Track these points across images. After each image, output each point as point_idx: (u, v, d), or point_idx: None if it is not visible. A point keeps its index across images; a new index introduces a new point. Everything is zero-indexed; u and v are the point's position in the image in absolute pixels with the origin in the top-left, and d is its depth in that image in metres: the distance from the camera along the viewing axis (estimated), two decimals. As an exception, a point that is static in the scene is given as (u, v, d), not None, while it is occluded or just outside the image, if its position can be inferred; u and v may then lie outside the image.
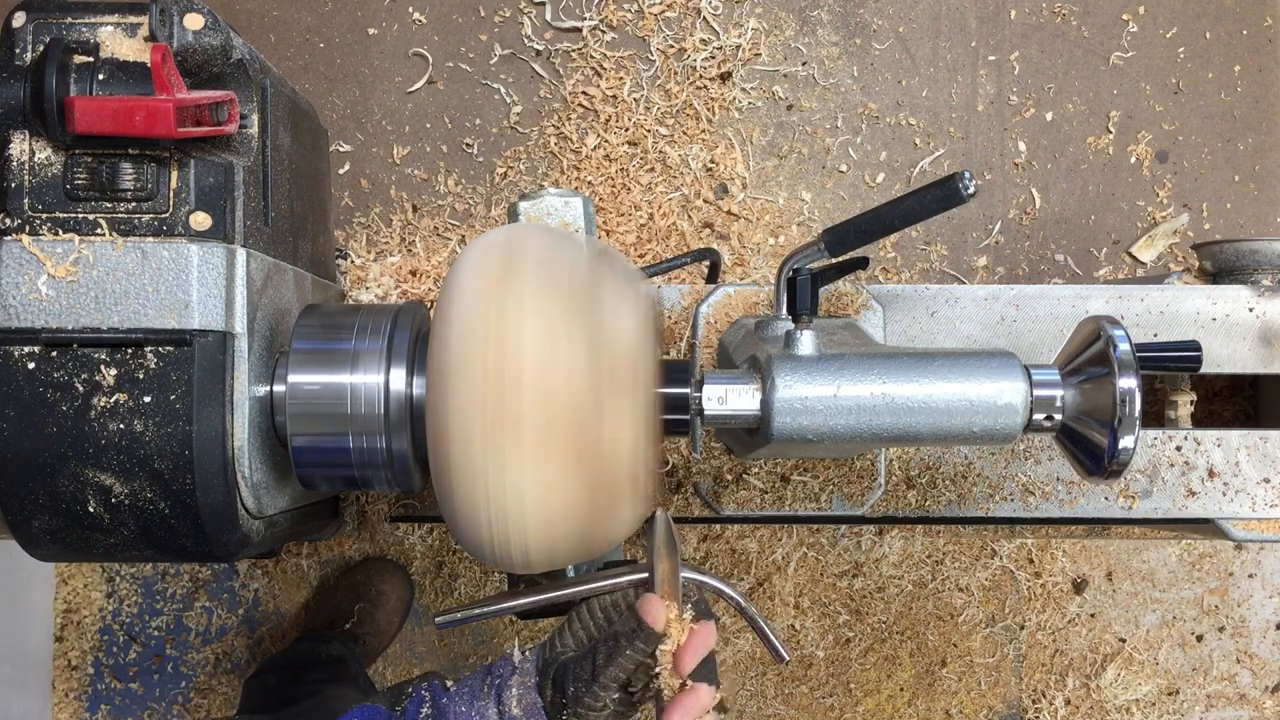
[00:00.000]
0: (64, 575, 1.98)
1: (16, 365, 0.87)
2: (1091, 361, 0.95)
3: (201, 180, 0.90)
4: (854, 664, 2.01)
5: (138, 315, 0.88)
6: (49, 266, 0.88)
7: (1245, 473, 1.25)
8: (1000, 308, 1.26)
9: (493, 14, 1.93)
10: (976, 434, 0.97)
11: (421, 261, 1.36)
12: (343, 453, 0.97)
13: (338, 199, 1.92)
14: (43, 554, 0.93)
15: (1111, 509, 1.26)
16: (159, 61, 0.84)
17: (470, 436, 0.83)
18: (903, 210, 1.06)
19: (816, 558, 2.00)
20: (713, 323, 1.24)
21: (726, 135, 1.95)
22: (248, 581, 1.99)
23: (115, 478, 0.88)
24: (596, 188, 1.92)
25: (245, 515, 0.94)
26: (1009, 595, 2.02)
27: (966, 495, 1.26)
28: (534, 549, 0.88)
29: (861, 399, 0.96)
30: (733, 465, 1.24)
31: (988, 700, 2.02)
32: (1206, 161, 1.99)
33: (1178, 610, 2.04)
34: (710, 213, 1.94)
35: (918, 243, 1.97)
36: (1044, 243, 1.98)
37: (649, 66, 1.94)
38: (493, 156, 1.94)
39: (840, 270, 1.15)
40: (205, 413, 0.89)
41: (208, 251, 0.90)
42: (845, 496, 1.24)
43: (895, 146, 1.97)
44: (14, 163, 0.87)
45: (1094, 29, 1.98)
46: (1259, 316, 1.26)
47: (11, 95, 0.86)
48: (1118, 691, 2.03)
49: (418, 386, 0.97)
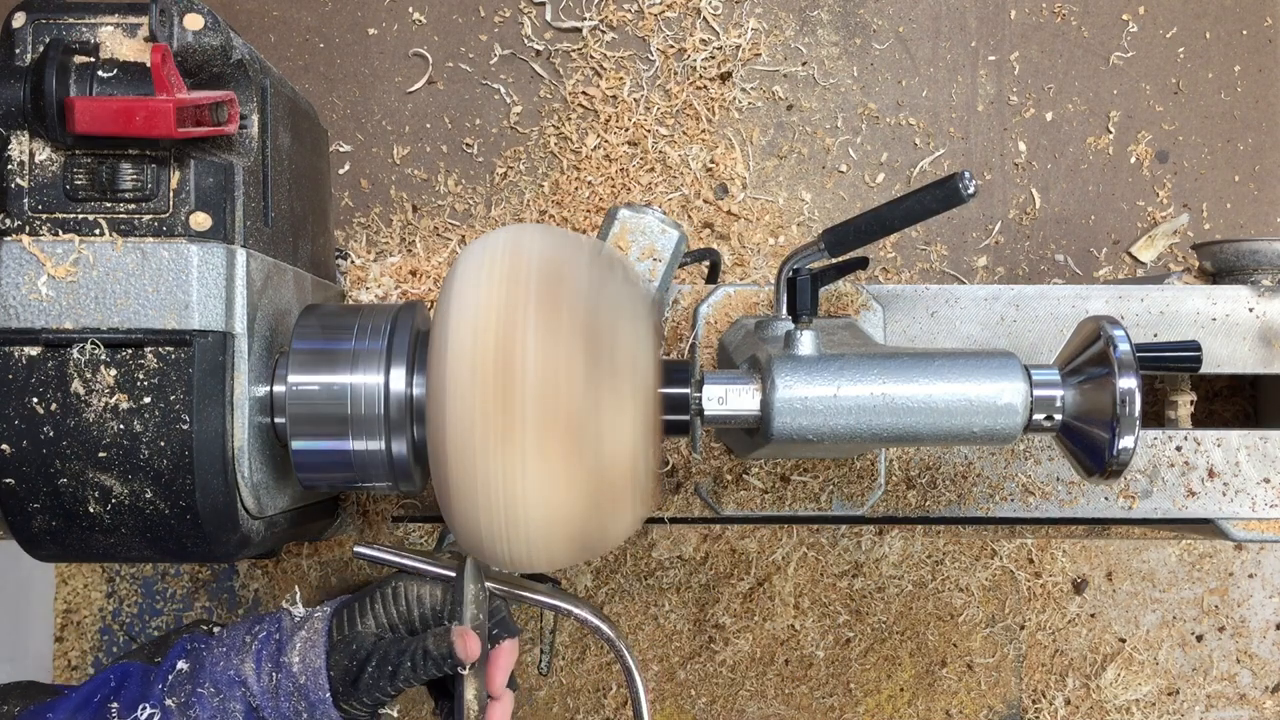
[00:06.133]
0: (64, 575, 1.98)
1: (16, 365, 0.87)
2: (1091, 361, 0.95)
3: (201, 180, 0.90)
4: (854, 664, 2.01)
5: (138, 315, 0.88)
6: (49, 267, 0.88)
7: (1245, 473, 1.25)
8: (1000, 308, 1.26)
9: (493, 14, 1.93)
10: (976, 434, 0.97)
11: (421, 261, 1.36)
12: (343, 453, 0.97)
13: (338, 199, 1.92)
14: (43, 554, 0.93)
15: (1111, 509, 1.26)
16: (159, 62, 0.84)
17: (470, 437, 0.83)
18: (903, 210, 1.06)
19: (816, 558, 2.00)
20: (713, 323, 1.24)
21: (726, 135, 1.95)
22: (248, 581, 1.99)
23: (115, 478, 0.88)
24: (596, 188, 1.92)
25: (245, 515, 0.94)
26: (1009, 595, 2.02)
27: (966, 495, 1.26)
28: (534, 549, 0.88)
29: (861, 399, 0.96)
30: (733, 465, 1.24)
31: (988, 700, 2.02)
32: (1206, 161, 1.99)
33: (1178, 610, 2.04)
34: (710, 213, 1.94)
35: (918, 243, 1.97)
36: (1044, 243, 1.98)
37: (649, 66, 1.94)
38: (493, 156, 1.94)
39: (840, 270, 1.15)
40: (205, 413, 0.89)
41: (208, 252, 0.90)
42: (845, 496, 1.24)
43: (895, 146, 1.97)
44: (14, 163, 0.87)
45: (1094, 29, 1.98)
46: (1259, 316, 1.26)
47: (11, 95, 0.86)
48: (1118, 691, 2.03)
49: (418, 386, 0.97)
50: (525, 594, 1.04)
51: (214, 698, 0.92)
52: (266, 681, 0.92)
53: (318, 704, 0.92)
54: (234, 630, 0.97)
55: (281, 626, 0.96)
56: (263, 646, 0.94)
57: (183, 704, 0.92)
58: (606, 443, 0.86)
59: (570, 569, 1.97)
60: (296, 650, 0.93)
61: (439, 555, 1.04)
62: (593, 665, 1.99)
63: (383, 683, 0.92)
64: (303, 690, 0.92)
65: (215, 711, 0.92)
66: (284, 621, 0.96)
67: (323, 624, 0.95)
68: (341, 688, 0.92)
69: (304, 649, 0.93)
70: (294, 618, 0.97)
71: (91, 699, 0.93)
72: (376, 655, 0.93)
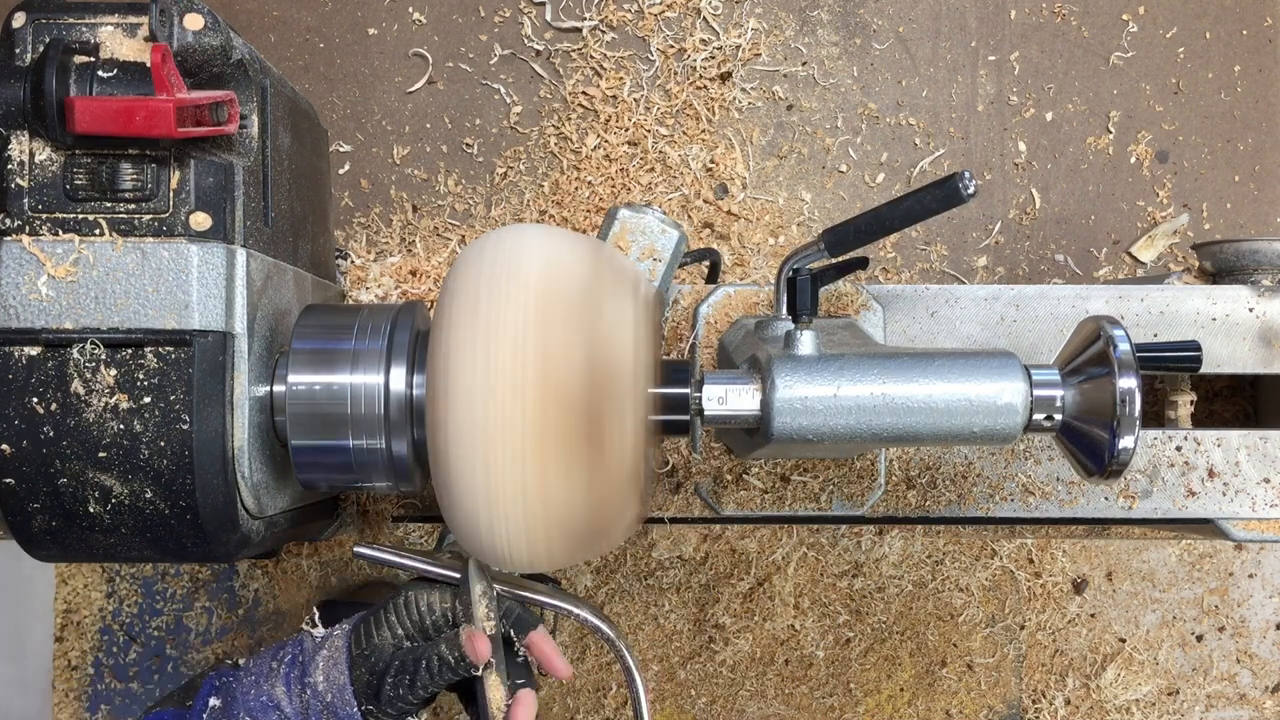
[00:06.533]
0: (64, 575, 1.98)
1: (16, 365, 0.87)
2: (1091, 361, 0.95)
3: (201, 180, 0.90)
4: (854, 664, 2.01)
5: (138, 315, 0.88)
6: (49, 267, 0.88)
7: (1245, 473, 1.25)
8: (1000, 308, 1.26)
9: (493, 14, 1.93)
10: (976, 434, 0.97)
11: (421, 261, 1.36)
12: (343, 453, 0.97)
13: (338, 199, 1.92)
14: (43, 554, 0.93)
15: (1111, 509, 1.26)
16: (159, 61, 0.84)
17: (471, 440, 0.83)
18: (903, 210, 1.06)
19: (816, 558, 2.00)
20: (713, 323, 1.24)
21: (726, 135, 1.95)
22: (248, 581, 1.99)
23: (115, 478, 0.88)
24: (596, 188, 1.92)
25: (245, 515, 0.94)
26: (1009, 595, 2.02)
27: (966, 495, 1.26)
28: (535, 549, 0.88)
29: (861, 399, 0.96)
30: (733, 465, 1.24)
31: (988, 700, 2.02)
32: (1206, 161, 1.99)
33: (1178, 610, 2.04)
34: (710, 213, 1.94)
35: (918, 243, 1.97)
36: (1044, 243, 1.98)
37: (649, 66, 1.94)
38: (493, 156, 1.94)
39: (840, 270, 1.15)
40: (205, 413, 0.89)
41: (208, 252, 0.90)
42: (845, 496, 1.24)
43: (895, 146, 1.97)
44: (14, 163, 0.87)
45: (1094, 29, 1.98)
46: (1259, 316, 1.26)
47: (11, 95, 0.86)
48: (1118, 691, 2.03)
49: (418, 386, 0.97)
50: (525, 594, 1.04)
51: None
52: (297, 704, 0.93)
53: (347, 719, 0.92)
54: (259, 659, 0.98)
55: (304, 649, 0.96)
56: (290, 670, 0.95)
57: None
58: (607, 444, 0.86)
59: (570, 569, 1.97)
60: (320, 669, 0.94)
61: (439, 555, 1.05)
62: (593, 665, 1.99)
63: (403, 691, 0.93)
64: (331, 708, 0.92)
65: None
66: (305, 644, 0.97)
67: (343, 641, 0.96)
68: (366, 701, 0.93)
69: (327, 667, 0.94)
70: (315, 639, 0.98)
71: None
72: (394, 666, 0.93)
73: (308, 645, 0.97)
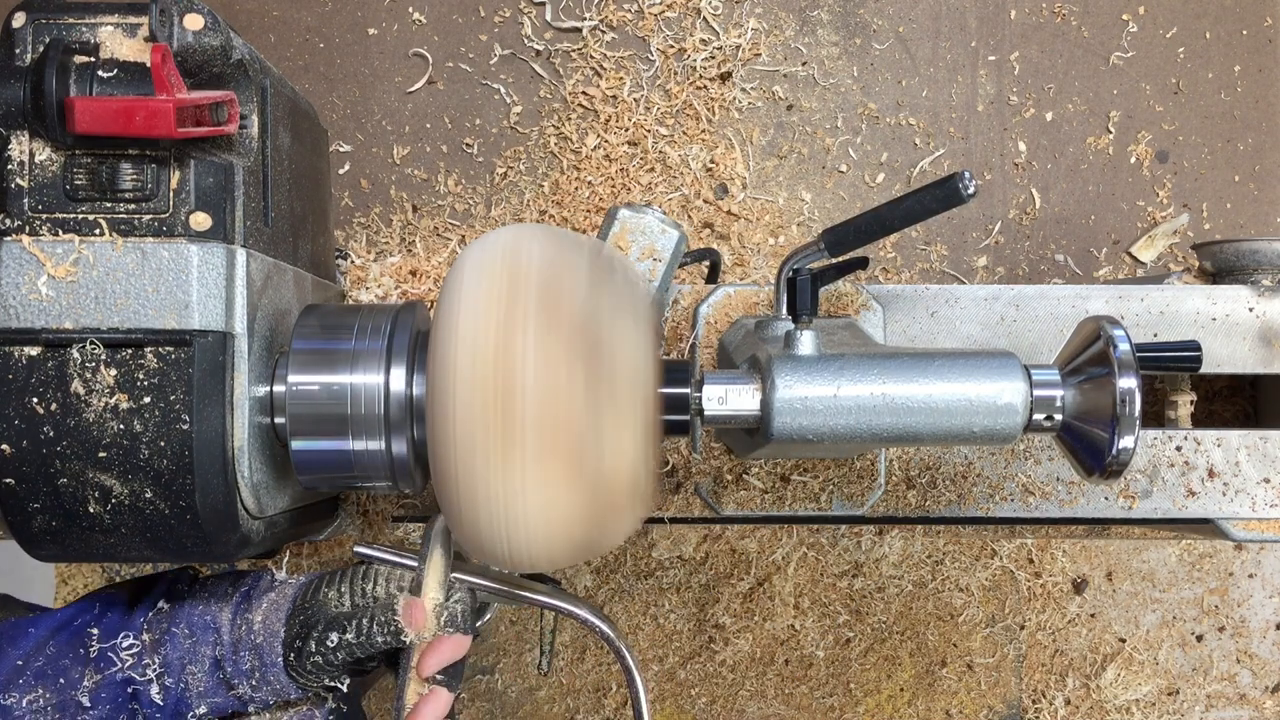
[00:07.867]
0: (64, 575, 1.98)
1: (16, 365, 0.87)
2: (1091, 361, 0.95)
3: (201, 180, 0.90)
4: (854, 664, 2.01)
5: (138, 315, 0.88)
6: (49, 267, 0.88)
7: (1245, 473, 1.25)
8: (1000, 308, 1.26)
9: (493, 14, 1.93)
10: (976, 434, 0.97)
11: (421, 261, 1.36)
12: (343, 453, 0.97)
13: (338, 199, 1.92)
14: (43, 554, 0.93)
15: (1111, 509, 1.26)
16: (159, 62, 0.84)
17: (471, 444, 0.83)
18: (903, 210, 1.06)
19: (816, 558, 2.00)
20: (713, 323, 1.24)
21: (726, 135, 1.95)
22: (248, 581, 1.99)
23: (115, 478, 0.88)
24: (596, 188, 1.92)
25: (245, 515, 0.94)
26: (1009, 595, 2.02)
27: (966, 495, 1.26)
28: (535, 550, 0.88)
29: (861, 399, 0.96)
30: (733, 465, 1.24)
31: (988, 700, 2.02)
32: (1206, 161, 1.99)
33: (1178, 610, 2.04)
34: (710, 213, 1.94)
35: (918, 243, 1.97)
36: (1044, 243, 1.98)
37: (649, 66, 1.94)
38: (493, 156, 1.94)
39: (840, 270, 1.15)
40: (205, 413, 0.89)
41: (208, 252, 0.90)
42: (845, 496, 1.24)
43: (895, 146, 1.97)
44: (14, 163, 0.87)
45: (1094, 29, 1.98)
46: (1259, 316, 1.26)
47: (11, 95, 0.86)
48: (1118, 691, 2.03)
49: (418, 386, 0.96)
50: (525, 594, 1.04)
51: (186, 639, 0.93)
52: (236, 633, 0.93)
53: (270, 665, 0.93)
54: (220, 578, 0.99)
55: (259, 584, 0.97)
56: (241, 600, 0.96)
57: (156, 640, 0.93)
58: (607, 447, 0.86)
59: (570, 569, 1.97)
60: (261, 610, 0.95)
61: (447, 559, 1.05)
62: (593, 665, 1.99)
63: (327, 650, 0.93)
64: (258, 650, 0.93)
65: (185, 653, 0.93)
66: (263, 580, 0.98)
67: (292, 590, 0.97)
68: (292, 654, 0.93)
69: (268, 610, 0.95)
70: (273, 579, 0.98)
71: (72, 621, 0.95)
72: (325, 621, 0.94)
73: (264, 583, 0.98)
